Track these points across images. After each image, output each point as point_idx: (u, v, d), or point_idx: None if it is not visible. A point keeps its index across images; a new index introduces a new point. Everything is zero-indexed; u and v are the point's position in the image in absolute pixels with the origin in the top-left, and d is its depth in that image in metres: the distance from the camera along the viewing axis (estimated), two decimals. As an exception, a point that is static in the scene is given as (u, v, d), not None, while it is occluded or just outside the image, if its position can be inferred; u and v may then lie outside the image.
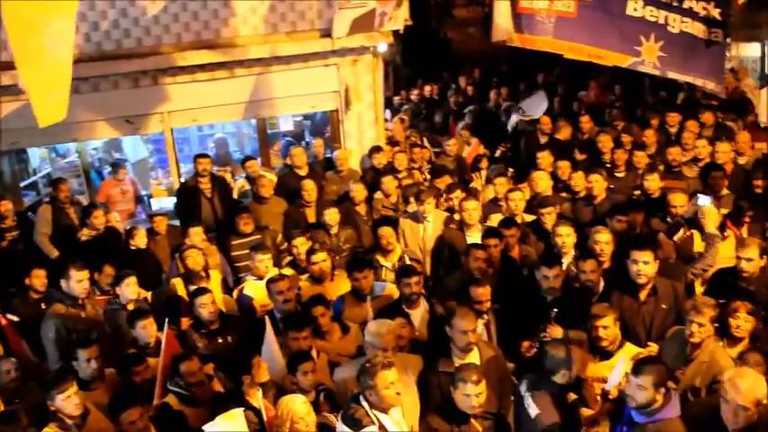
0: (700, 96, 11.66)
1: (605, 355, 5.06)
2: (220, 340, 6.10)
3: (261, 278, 6.67)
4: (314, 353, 5.39)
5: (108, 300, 6.79)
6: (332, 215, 7.76)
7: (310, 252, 6.78)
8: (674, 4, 8.52)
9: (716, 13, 8.49)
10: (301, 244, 7.10)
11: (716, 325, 5.10)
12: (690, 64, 8.69)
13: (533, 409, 4.72)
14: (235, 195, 9.54)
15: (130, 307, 6.46)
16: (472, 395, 4.37)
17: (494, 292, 5.77)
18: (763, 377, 4.21)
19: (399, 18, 9.66)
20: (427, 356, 5.20)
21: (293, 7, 9.63)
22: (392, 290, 6.26)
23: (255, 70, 9.69)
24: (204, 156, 9.05)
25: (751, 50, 15.23)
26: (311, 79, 9.96)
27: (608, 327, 5.04)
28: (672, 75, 8.80)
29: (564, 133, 10.68)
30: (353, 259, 6.89)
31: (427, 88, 15.54)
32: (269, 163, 10.62)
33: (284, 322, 5.68)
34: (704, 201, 6.73)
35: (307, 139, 12.21)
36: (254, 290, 6.70)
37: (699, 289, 6.29)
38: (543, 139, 10.68)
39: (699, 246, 6.77)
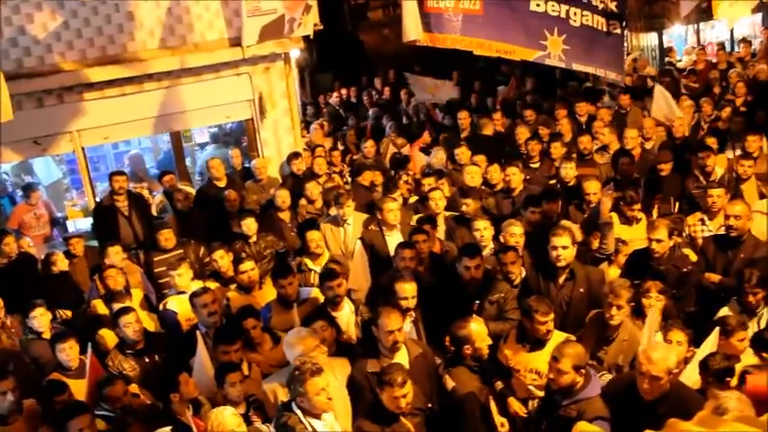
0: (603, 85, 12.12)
1: (536, 344, 5.14)
2: (147, 360, 5.98)
3: (183, 292, 6.57)
4: (245, 366, 5.34)
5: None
6: (249, 225, 7.75)
7: (237, 262, 6.76)
8: (574, -3, 8.83)
9: (613, 6, 8.85)
10: (221, 257, 7.04)
11: (632, 305, 5.32)
12: (592, 55, 9.02)
13: (449, 383, 4.94)
14: (154, 211, 9.35)
15: (46, 336, 6.26)
16: (399, 397, 4.41)
17: (425, 287, 5.85)
18: (673, 349, 4.44)
19: (309, 23, 9.66)
20: (356, 358, 5.23)
21: (201, 17, 9.54)
22: (318, 293, 6.26)
23: (166, 83, 9.53)
24: (120, 173, 8.84)
25: (650, 40, 15.92)
26: (224, 89, 9.87)
27: (546, 322, 5.11)
28: (576, 66, 9.12)
29: (488, 129, 10.86)
30: (277, 267, 6.86)
31: (345, 91, 15.59)
32: (186, 177, 10.45)
33: (215, 337, 5.60)
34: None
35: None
36: (178, 304, 6.59)
37: (615, 272, 6.52)
38: (463, 135, 10.85)
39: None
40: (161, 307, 6.88)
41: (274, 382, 5.07)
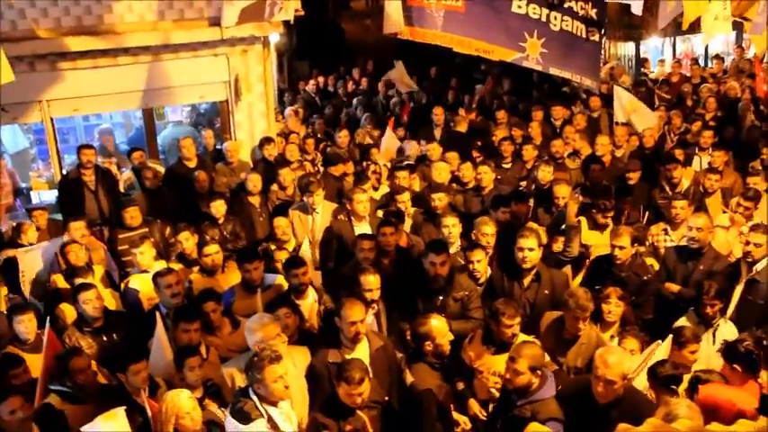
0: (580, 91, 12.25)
1: (501, 347, 5.13)
2: (105, 338, 5.92)
3: (146, 271, 6.51)
4: (203, 348, 5.32)
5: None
6: (218, 207, 7.72)
7: (202, 244, 6.71)
8: (555, 2, 8.88)
9: (593, 13, 8.92)
10: (186, 239, 6.98)
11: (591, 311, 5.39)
12: (569, 60, 9.09)
13: (408, 378, 4.96)
14: (121, 188, 9.23)
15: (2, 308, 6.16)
16: (355, 394, 4.41)
17: (389, 280, 5.86)
18: (628, 354, 4.53)
19: (290, 8, 9.54)
20: (317, 347, 5.23)
21: (181, -6, 9.40)
22: (283, 280, 6.25)
23: (142, 59, 9.39)
24: (88, 146, 8.70)
25: (627, 50, 16.12)
26: (200, 69, 9.76)
27: (512, 326, 5.12)
28: (553, 71, 9.17)
29: (462, 126, 10.90)
30: (243, 250, 6.83)
31: (322, 79, 15.53)
32: (156, 154, 10.33)
33: (174, 314, 5.58)
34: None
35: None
36: (140, 283, 6.54)
37: (577, 280, 6.60)
38: (437, 131, 10.89)
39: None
40: (123, 285, 6.82)
41: (233, 366, 5.05)
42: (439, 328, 5.03)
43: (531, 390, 4.38)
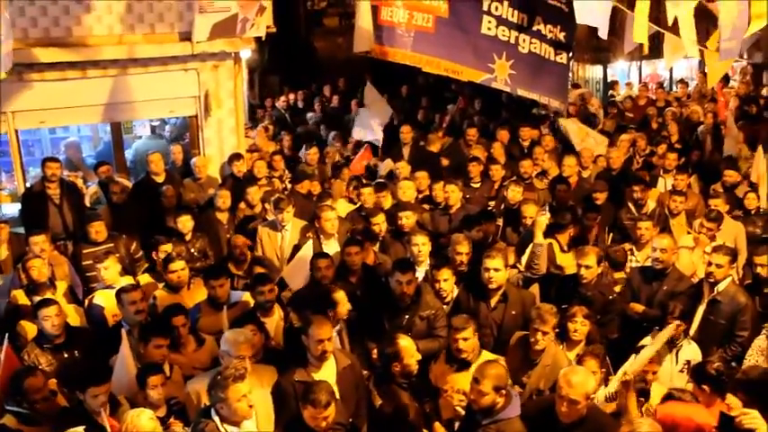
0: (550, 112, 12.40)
1: (463, 365, 5.17)
2: (66, 355, 5.79)
3: (111, 287, 6.41)
4: (167, 367, 5.24)
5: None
6: (185, 222, 7.63)
7: (167, 260, 6.62)
8: (525, 25, 9.01)
9: (562, 36, 9.09)
10: (166, 251, 6.92)
11: (557, 330, 5.44)
12: (537, 82, 9.24)
13: (377, 400, 4.95)
14: (87, 202, 9.10)
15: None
16: (320, 417, 4.34)
17: (355, 299, 5.83)
18: (592, 375, 4.57)
19: (262, 25, 9.60)
20: (283, 365, 5.18)
21: (151, 8, 9.34)
22: (249, 297, 6.20)
23: (111, 72, 9.30)
24: (53, 159, 8.57)
25: (595, 73, 16.41)
26: (169, 83, 9.68)
27: (468, 338, 5.16)
28: (521, 92, 9.31)
29: (435, 145, 10.92)
30: (210, 267, 6.77)
31: (293, 96, 15.53)
32: (124, 168, 10.22)
33: (145, 330, 5.48)
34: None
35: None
36: (105, 299, 6.43)
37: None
38: (405, 150, 10.89)
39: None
40: (87, 301, 6.69)
41: (199, 383, 4.97)
42: (407, 348, 5.01)
43: (495, 409, 4.37)
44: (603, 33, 5.97)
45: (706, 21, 8.07)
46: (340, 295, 5.59)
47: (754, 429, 3.80)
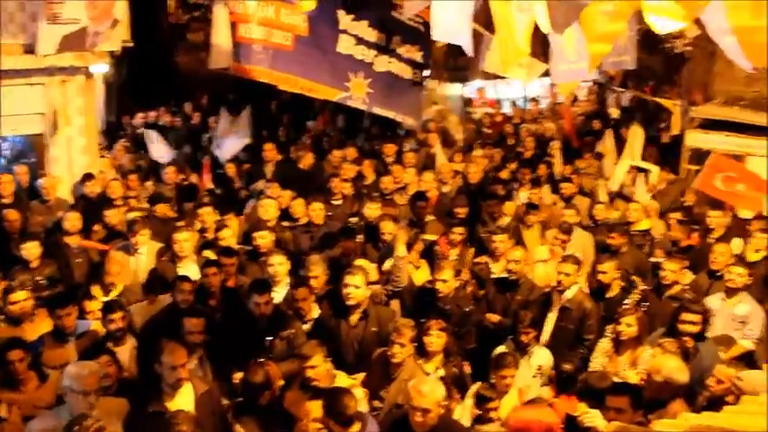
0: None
1: (315, 392, 4.97)
2: None
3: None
4: (3, 408, 4.86)
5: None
6: (30, 249, 7.09)
7: (7, 291, 6.16)
8: (383, 44, 9.19)
9: (418, 56, 9.34)
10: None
11: (415, 344, 5.52)
12: (392, 101, 9.44)
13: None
14: None
15: None
16: None
17: (213, 323, 5.67)
18: (440, 383, 4.72)
19: (116, 38, 9.24)
20: (137, 396, 4.96)
21: (-8, 17, 8.75)
22: (99, 326, 5.88)
23: (-56, 85, 8.63)
24: None
25: (454, 90, 17.00)
26: (13, 99, 9.05)
27: (317, 365, 5.07)
28: (377, 110, 9.46)
29: (305, 161, 10.84)
30: (57, 295, 6.36)
31: (153, 113, 15.00)
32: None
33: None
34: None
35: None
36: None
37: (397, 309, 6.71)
38: (268, 168, 10.75)
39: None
40: None
41: (41, 423, 4.60)
42: (275, 374, 4.97)
43: (355, 432, 4.39)
44: (468, 50, 6.12)
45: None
46: (198, 321, 5.40)
47: (594, 427, 4.04)
